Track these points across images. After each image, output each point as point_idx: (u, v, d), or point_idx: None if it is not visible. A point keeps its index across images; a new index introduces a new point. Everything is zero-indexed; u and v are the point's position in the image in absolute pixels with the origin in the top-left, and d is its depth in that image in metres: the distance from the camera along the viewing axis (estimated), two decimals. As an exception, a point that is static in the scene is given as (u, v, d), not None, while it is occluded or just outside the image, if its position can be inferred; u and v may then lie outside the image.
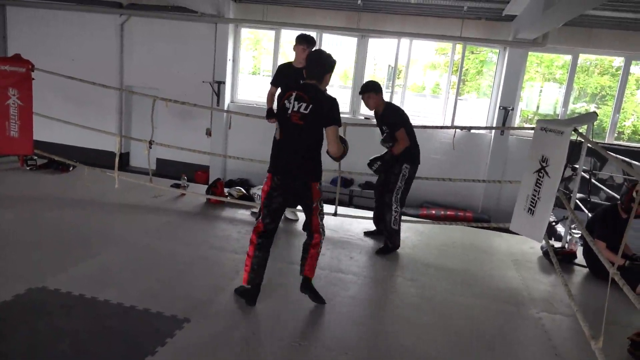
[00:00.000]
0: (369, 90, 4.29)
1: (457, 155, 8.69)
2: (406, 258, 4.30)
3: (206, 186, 5.79)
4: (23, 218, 4.29)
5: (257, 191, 5.63)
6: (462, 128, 6.65)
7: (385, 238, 4.34)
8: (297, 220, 4.98)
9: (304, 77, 4.89)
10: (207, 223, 4.73)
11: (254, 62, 11.20)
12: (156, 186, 5.41)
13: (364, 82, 5.10)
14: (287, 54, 10.42)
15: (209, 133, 9.63)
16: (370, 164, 4.37)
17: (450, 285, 3.83)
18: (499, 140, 8.84)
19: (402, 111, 4.41)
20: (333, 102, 3.03)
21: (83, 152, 9.11)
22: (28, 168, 5.79)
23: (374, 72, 10.43)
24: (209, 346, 2.72)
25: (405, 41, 9.16)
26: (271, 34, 9.87)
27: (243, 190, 5.48)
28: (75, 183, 5.59)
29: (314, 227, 3.23)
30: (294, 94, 3.06)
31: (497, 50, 9.17)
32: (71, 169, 5.92)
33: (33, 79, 5.30)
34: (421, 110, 10.19)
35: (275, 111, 4.97)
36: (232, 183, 8.12)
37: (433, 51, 11.33)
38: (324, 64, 3.10)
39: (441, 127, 8.77)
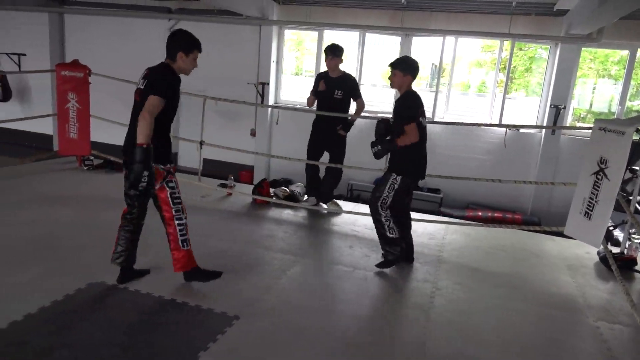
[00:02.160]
0: (396, 67, 3.75)
1: (504, 156, 8.44)
2: (452, 261, 4.21)
3: (252, 186, 5.89)
4: (82, 216, 4.50)
5: (296, 188, 5.67)
6: (513, 127, 6.41)
7: (383, 250, 3.87)
8: (341, 212, 5.06)
9: (338, 86, 5.01)
10: (253, 223, 4.81)
11: (297, 62, 11.30)
12: (204, 186, 5.55)
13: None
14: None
15: (253, 133, 9.79)
16: (374, 143, 3.83)
17: (499, 289, 3.73)
18: (550, 140, 8.51)
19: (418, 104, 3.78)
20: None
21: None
22: (85, 168, 6.08)
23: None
24: (259, 343, 2.77)
25: (450, 39, 8.98)
26: (314, 34, 9.92)
27: (288, 190, 5.54)
28: (128, 182, 5.82)
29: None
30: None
31: (548, 47, 8.83)
32: (125, 168, 6.16)
33: (90, 83, 5.57)
34: (466, 109, 9.95)
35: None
36: (276, 183, 8.23)
37: (479, 48, 11.04)
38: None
39: (492, 125, 8.53)
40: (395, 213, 3.85)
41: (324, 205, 5.33)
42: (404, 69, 3.69)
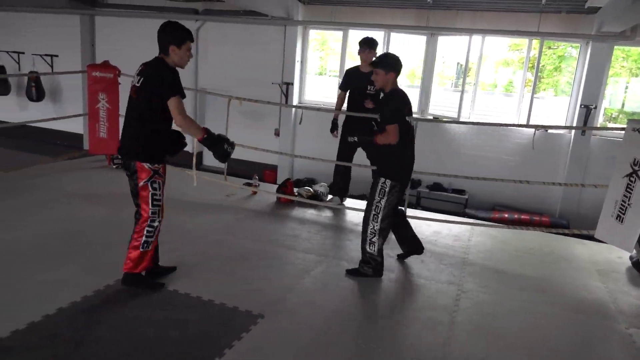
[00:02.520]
0: (377, 65, 3.58)
1: (531, 156, 8.26)
2: (478, 263, 4.15)
3: (275, 185, 5.92)
4: (111, 213, 4.61)
5: (319, 188, 5.68)
6: (542, 127, 6.22)
7: (361, 260, 3.70)
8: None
9: (371, 81, 4.84)
10: (277, 222, 4.84)
11: (321, 62, 11.31)
12: (230, 184, 5.61)
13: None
14: (354, 55, 10.42)
15: (277, 133, 9.85)
16: (359, 133, 3.97)
17: (526, 293, 3.66)
18: (580, 141, 8.29)
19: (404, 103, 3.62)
20: None
21: (161, 152, 9.63)
22: (114, 166, 6.21)
23: (442, 70, 10.17)
24: (283, 343, 2.79)
25: (476, 38, 8.85)
26: (338, 34, 9.91)
27: (312, 190, 5.55)
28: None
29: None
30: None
31: (578, 45, 8.60)
32: (152, 167, 6.28)
33: (119, 83, 5.70)
34: (492, 109, 9.79)
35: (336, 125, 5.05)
36: (299, 182, 8.26)
37: (506, 47, 10.85)
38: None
39: (520, 126, 8.35)
40: (397, 218, 3.83)
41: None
42: (385, 66, 3.53)
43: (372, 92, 4.84)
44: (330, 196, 5.53)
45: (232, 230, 4.49)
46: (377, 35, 9.42)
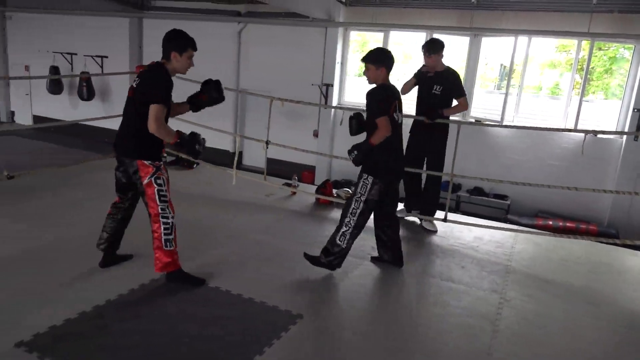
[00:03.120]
0: (367, 60, 3.48)
1: (578, 162, 7.94)
2: (522, 271, 4.03)
3: (313, 186, 5.95)
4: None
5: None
6: (592, 132, 5.82)
7: (324, 248, 3.60)
8: (435, 231, 4.78)
9: (438, 81, 4.66)
10: (316, 223, 4.87)
11: (361, 64, 11.29)
12: (269, 184, 5.68)
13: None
14: (395, 56, 10.32)
15: (316, 134, 9.89)
16: (350, 150, 3.58)
17: (573, 304, 3.52)
18: (632, 147, 7.90)
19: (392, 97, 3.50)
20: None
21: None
22: (159, 164, 6.41)
23: (484, 72, 9.94)
24: (322, 344, 2.80)
25: (522, 39, 8.59)
26: (379, 35, 9.85)
27: (351, 191, 5.54)
28: (198, 179, 6.09)
29: None
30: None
31: (632, 46, 8.21)
32: (195, 166, 6.45)
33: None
34: (538, 112, 9.47)
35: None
36: (337, 184, 8.27)
37: (553, 48, 10.48)
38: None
39: (569, 130, 8.02)
40: (380, 220, 3.74)
41: (421, 220, 4.93)
42: (376, 61, 3.42)
43: (438, 92, 4.64)
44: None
45: (271, 230, 4.54)
46: (419, 36, 9.34)
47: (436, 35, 9.25)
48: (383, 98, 3.40)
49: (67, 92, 12.51)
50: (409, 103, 5.73)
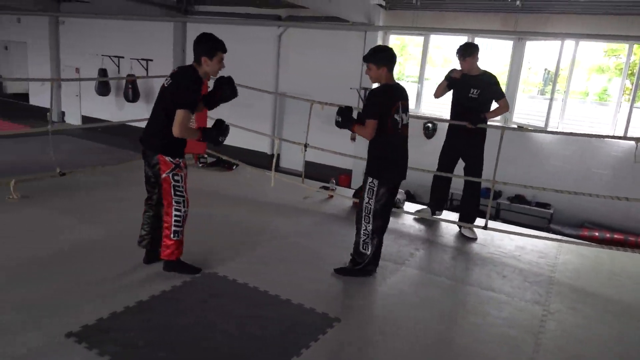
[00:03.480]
0: (368, 60, 3.43)
1: (627, 171, 7.61)
2: (566, 283, 3.89)
3: (350, 189, 5.94)
4: (198, 211, 4.85)
5: (397, 195, 5.61)
6: None
7: (351, 259, 3.63)
8: (475, 238, 4.71)
9: (475, 84, 4.60)
10: (353, 227, 4.82)
11: (399, 68, 11.20)
12: (307, 187, 5.72)
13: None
14: (434, 60, 10.21)
15: (353, 138, 9.89)
16: (337, 112, 3.52)
17: (621, 320, 3.37)
18: (687, 156, 7.51)
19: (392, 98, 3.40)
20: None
21: (240, 152, 10.04)
22: (200, 165, 6.57)
23: (527, 76, 9.67)
24: (359, 348, 2.79)
25: (569, 43, 8.31)
26: (419, 39, 9.77)
27: (388, 196, 5.50)
28: (238, 180, 6.20)
29: None
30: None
31: (689, 50, 7.82)
32: (234, 167, 6.58)
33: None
34: (584, 118, 9.14)
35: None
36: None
37: (601, 53, 10.08)
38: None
39: (619, 138, 7.69)
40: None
41: (460, 227, 4.87)
42: (377, 60, 3.37)
43: (475, 95, 4.57)
44: (421, 206, 5.43)
45: (309, 232, 4.57)
46: (460, 40, 9.19)
47: (478, 39, 9.07)
48: (380, 101, 3.35)
49: (114, 94, 13.02)
50: (442, 107, 5.65)
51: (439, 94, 4.90)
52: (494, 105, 4.68)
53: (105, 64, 12.74)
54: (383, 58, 3.39)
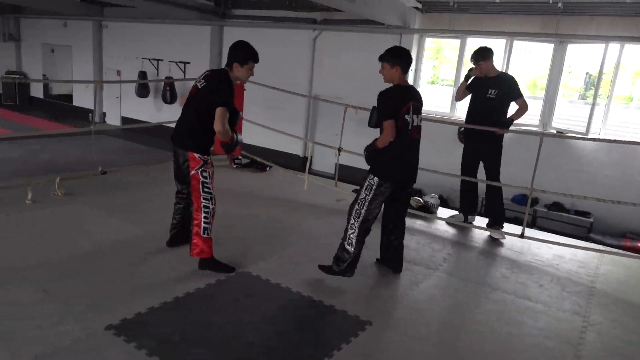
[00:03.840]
0: (383, 59, 3.42)
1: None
2: (608, 295, 3.75)
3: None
4: (231, 211, 4.93)
5: (430, 199, 5.56)
6: None
7: (335, 256, 3.50)
8: (503, 238, 4.70)
9: (493, 85, 4.60)
10: (385, 230, 4.83)
11: (434, 71, 11.07)
12: (340, 190, 5.73)
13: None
14: (470, 63, 10.04)
15: (386, 142, 9.84)
16: (364, 149, 3.57)
17: (669, 335, 3.22)
18: None
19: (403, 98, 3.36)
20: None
21: (273, 154, 10.14)
22: (234, 166, 6.68)
23: (568, 80, 9.38)
24: (390, 352, 2.77)
25: (613, 46, 8.02)
26: (454, 42, 9.64)
27: (422, 200, 5.45)
28: (271, 182, 6.27)
29: None
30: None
31: None
32: (267, 169, 6.65)
33: (245, 89, 6.11)
34: (629, 124, 8.79)
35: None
36: (406, 192, 8.18)
37: (648, 56, 9.68)
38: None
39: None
40: (387, 223, 3.63)
41: (491, 231, 4.79)
42: (391, 59, 3.35)
43: (493, 96, 4.58)
44: (455, 212, 5.36)
45: (340, 234, 4.55)
46: (498, 43, 9.01)
47: (517, 42, 8.89)
48: (391, 100, 3.30)
49: (152, 96, 13.41)
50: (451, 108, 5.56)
51: (459, 96, 4.98)
52: (513, 107, 4.68)
53: (145, 66, 13.13)
54: (398, 58, 3.37)
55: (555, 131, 8.40)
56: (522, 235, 4.51)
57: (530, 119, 8.50)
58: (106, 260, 3.57)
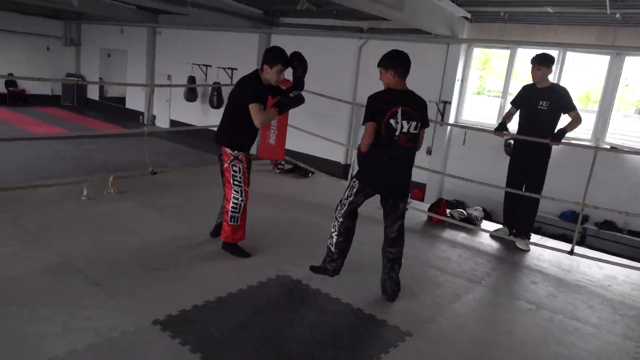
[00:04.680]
0: (379, 65, 3.37)
1: None
2: (665, 320, 3.55)
3: (424, 203, 5.83)
4: (272, 215, 5.02)
5: (474, 212, 5.44)
6: None
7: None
8: (528, 250, 4.63)
9: (544, 96, 4.50)
10: (427, 241, 4.78)
11: (480, 82, 10.86)
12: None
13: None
14: (519, 74, 9.79)
15: (429, 152, 9.72)
16: None
17: None
18: None
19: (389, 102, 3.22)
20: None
21: (316, 161, 10.22)
22: (277, 171, 6.78)
23: (624, 94, 8.97)
24: (430, 365, 2.74)
25: (676, 58, 7.63)
26: (503, 52, 9.43)
27: (466, 212, 5.35)
28: (313, 188, 6.33)
29: None
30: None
31: None
32: (310, 175, 6.72)
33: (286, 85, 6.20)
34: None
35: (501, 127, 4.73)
36: (447, 203, 8.03)
37: None
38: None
39: None
40: (384, 241, 3.49)
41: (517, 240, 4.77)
42: (384, 63, 3.28)
43: (545, 107, 4.48)
44: (499, 225, 5.25)
45: (381, 243, 4.53)
46: (550, 54, 8.74)
47: (571, 54, 8.59)
48: (376, 102, 3.21)
49: (200, 100, 13.83)
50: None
51: (507, 120, 4.89)
52: (564, 119, 4.54)
53: (194, 71, 13.57)
54: (390, 61, 3.29)
55: (609, 146, 8.05)
56: (571, 252, 4.34)
57: (583, 133, 8.18)
58: (154, 257, 3.71)
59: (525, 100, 4.66)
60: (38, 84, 16.92)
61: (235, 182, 3.66)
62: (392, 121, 3.17)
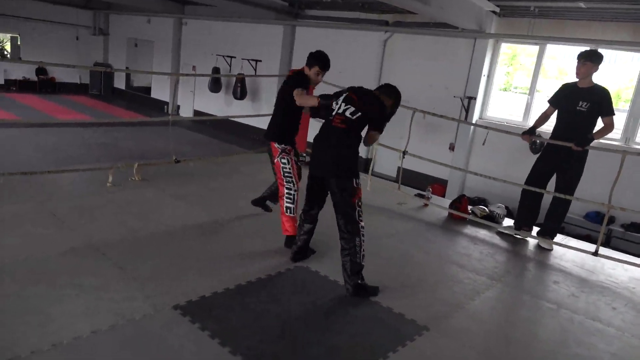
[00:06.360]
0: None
1: None
2: (692, 326, 3.45)
3: (445, 199, 5.77)
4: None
5: (496, 209, 5.37)
6: None
7: (351, 273, 3.27)
8: (551, 250, 4.56)
9: (584, 97, 4.34)
10: (448, 237, 4.74)
11: (507, 78, 10.65)
12: (402, 193, 5.68)
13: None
14: (547, 71, 9.57)
15: (452, 148, 9.60)
16: None
17: None
18: None
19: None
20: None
21: (336, 154, 10.22)
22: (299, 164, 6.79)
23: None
24: (447, 359, 2.73)
25: None
26: (532, 48, 9.21)
27: (487, 210, 5.28)
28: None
29: None
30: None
31: None
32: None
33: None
34: None
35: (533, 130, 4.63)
36: (469, 200, 7.93)
37: None
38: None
39: None
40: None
41: (540, 240, 4.70)
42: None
43: (584, 108, 4.31)
44: (512, 222, 5.17)
45: (403, 238, 4.53)
46: (579, 50, 8.50)
47: (602, 50, 8.34)
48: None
49: (223, 91, 13.93)
50: (550, 122, 5.28)
51: (541, 120, 4.74)
52: (599, 123, 4.38)
53: (218, 62, 13.67)
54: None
55: (639, 146, 7.82)
56: (595, 253, 4.25)
57: (612, 133, 7.93)
58: (175, 243, 3.78)
59: (564, 99, 4.49)
60: (67, 73, 17.31)
61: (286, 174, 3.79)
62: (335, 104, 3.40)
